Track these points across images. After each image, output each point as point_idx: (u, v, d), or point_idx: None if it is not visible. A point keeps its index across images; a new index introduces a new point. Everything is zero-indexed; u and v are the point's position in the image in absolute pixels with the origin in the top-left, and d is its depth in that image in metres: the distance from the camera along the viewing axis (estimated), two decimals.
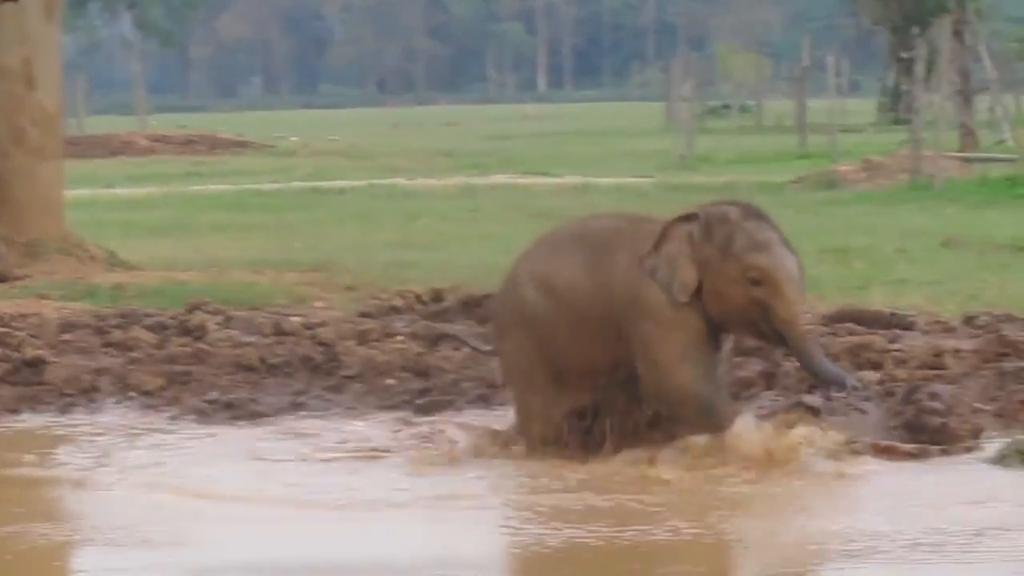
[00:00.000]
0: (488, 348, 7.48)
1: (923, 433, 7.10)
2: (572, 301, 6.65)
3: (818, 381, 6.83)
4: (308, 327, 9.42)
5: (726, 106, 46.29)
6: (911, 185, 20.62)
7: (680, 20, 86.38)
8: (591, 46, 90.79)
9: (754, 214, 6.68)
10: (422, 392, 7.86)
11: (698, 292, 6.52)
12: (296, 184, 20.48)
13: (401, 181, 20.94)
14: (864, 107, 40.45)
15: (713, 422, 6.41)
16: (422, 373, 8.30)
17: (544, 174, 24.46)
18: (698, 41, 77.61)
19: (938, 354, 8.76)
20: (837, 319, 9.75)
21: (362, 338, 9.05)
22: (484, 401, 7.77)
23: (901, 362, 8.55)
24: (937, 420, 7.22)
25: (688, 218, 6.60)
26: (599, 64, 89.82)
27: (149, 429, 7.38)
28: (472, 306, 9.86)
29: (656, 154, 28.60)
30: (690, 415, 6.44)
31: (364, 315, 9.88)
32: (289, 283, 11.41)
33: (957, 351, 8.92)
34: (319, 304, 10.61)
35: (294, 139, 33.11)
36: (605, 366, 6.61)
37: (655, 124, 39.00)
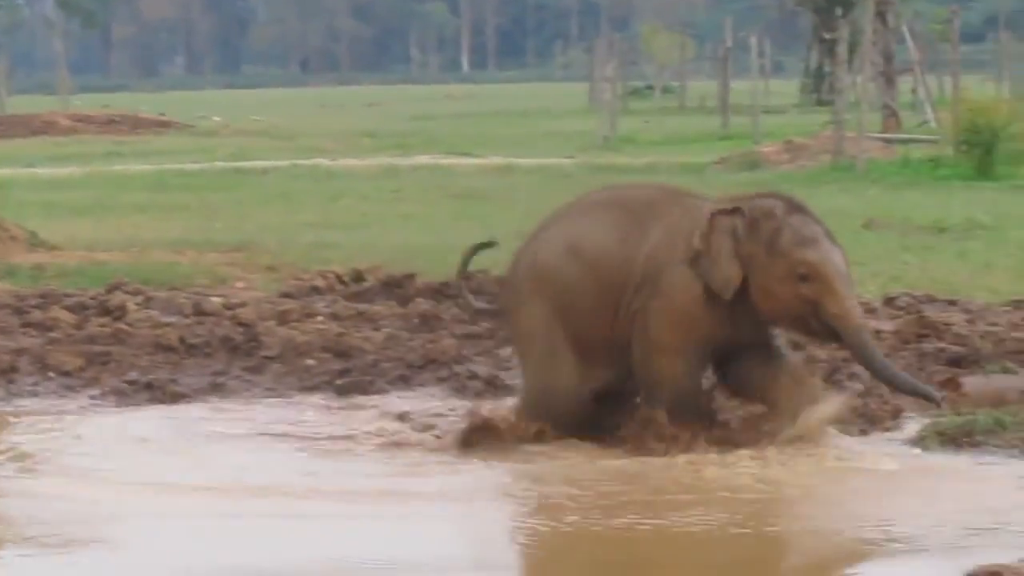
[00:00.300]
0: (490, 308, 7.31)
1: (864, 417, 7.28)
2: (597, 267, 6.54)
3: (890, 388, 6.78)
4: (228, 307, 9.41)
5: (649, 87, 46.29)
6: (833, 166, 20.69)
7: (604, 1, 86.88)
8: (515, 26, 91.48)
9: (798, 208, 6.60)
10: (342, 373, 7.87)
11: (744, 288, 6.44)
12: (218, 164, 20.47)
13: (324, 162, 21.01)
14: (788, 88, 40.80)
15: (686, 416, 6.37)
16: (342, 354, 8.28)
17: (467, 155, 24.43)
18: (622, 21, 78.16)
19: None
20: None
21: (282, 318, 9.03)
22: (404, 382, 7.74)
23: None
24: (857, 401, 7.32)
25: (732, 211, 6.52)
26: (522, 45, 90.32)
27: (64, 412, 7.26)
28: (393, 287, 9.84)
29: (579, 135, 28.74)
30: (666, 402, 6.39)
31: (285, 295, 9.87)
32: (210, 264, 11.42)
33: (878, 332, 8.87)
34: (240, 285, 10.60)
35: (216, 119, 33.06)
36: (624, 340, 6.49)
37: (578, 105, 39.07)
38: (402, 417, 7.16)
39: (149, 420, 7.11)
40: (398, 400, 7.61)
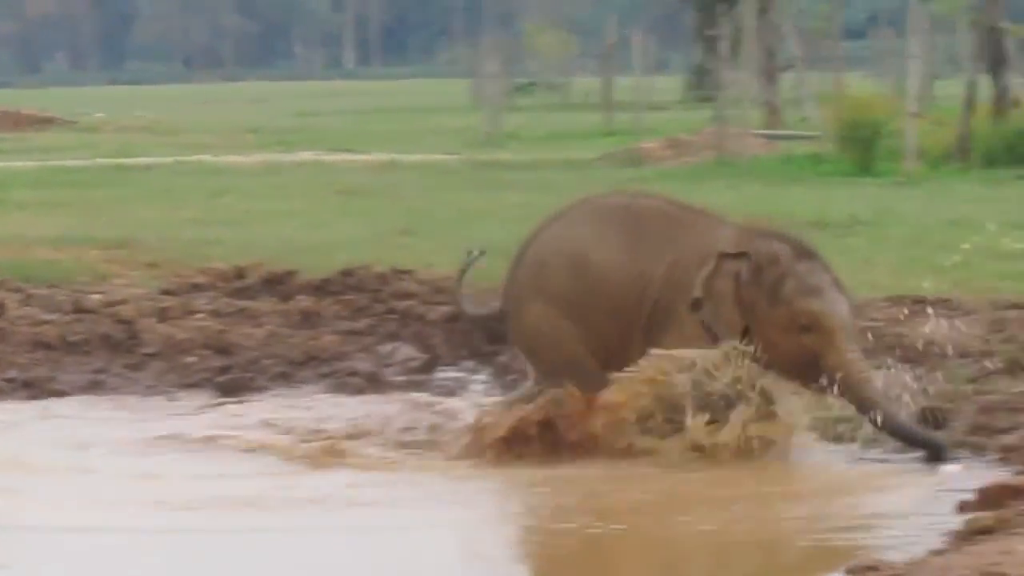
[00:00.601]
0: (482, 312, 7.23)
1: None
2: (603, 284, 6.52)
3: (904, 444, 6.56)
4: (108, 304, 9.42)
5: (532, 84, 46.65)
6: (716, 162, 20.93)
7: None
8: (398, 23, 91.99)
9: (806, 254, 6.52)
10: (223, 370, 7.91)
11: (747, 333, 6.39)
12: (101, 161, 20.30)
13: (207, 158, 20.95)
14: (672, 85, 41.10)
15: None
16: (223, 351, 8.34)
17: (350, 151, 24.33)
18: (506, 18, 79.00)
19: None
20: None
21: (163, 315, 9.04)
22: (285, 379, 7.83)
23: None
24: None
25: (738, 255, 6.43)
26: (406, 41, 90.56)
27: None
28: (275, 283, 9.89)
29: (463, 131, 28.72)
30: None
31: (165, 292, 9.88)
32: (91, 260, 11.36)
33: None
34: (120, 281, 10.55)
35: (100, 115, 32.92)
36: (630, 355, 6.45)
37: (462, 101, 39.07)
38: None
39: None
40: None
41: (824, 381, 6.34)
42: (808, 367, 6.34)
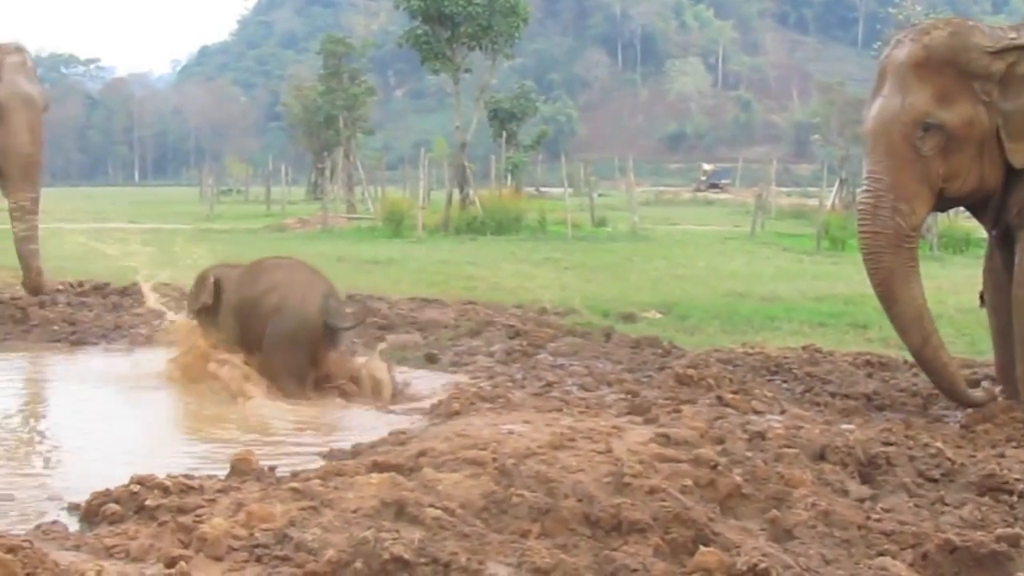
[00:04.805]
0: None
1: None
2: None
3: None
4: None
5: (230, 190, 56.46)
6: (322, 230, 27.49)
7: (207, 146, 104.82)
8: (161, 155, 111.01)
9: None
10: None
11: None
12: None
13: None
14: (299, 191, 51.10)
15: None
16: None
17: (133, 222, 27.92)
18: (217, 154, 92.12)
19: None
20: None
21: None
22: None
23: None
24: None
25: (214, 280, 8.87)
26: (165, 165, 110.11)
27: None
28: None
29: (194, 213, 34.84)
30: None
31: None
32: None
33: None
34: None
35: None
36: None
37: (194, 198, 47.46)
38: None
39: None
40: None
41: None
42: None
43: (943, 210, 8.76)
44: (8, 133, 11.46)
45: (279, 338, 8.39)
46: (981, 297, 8.27)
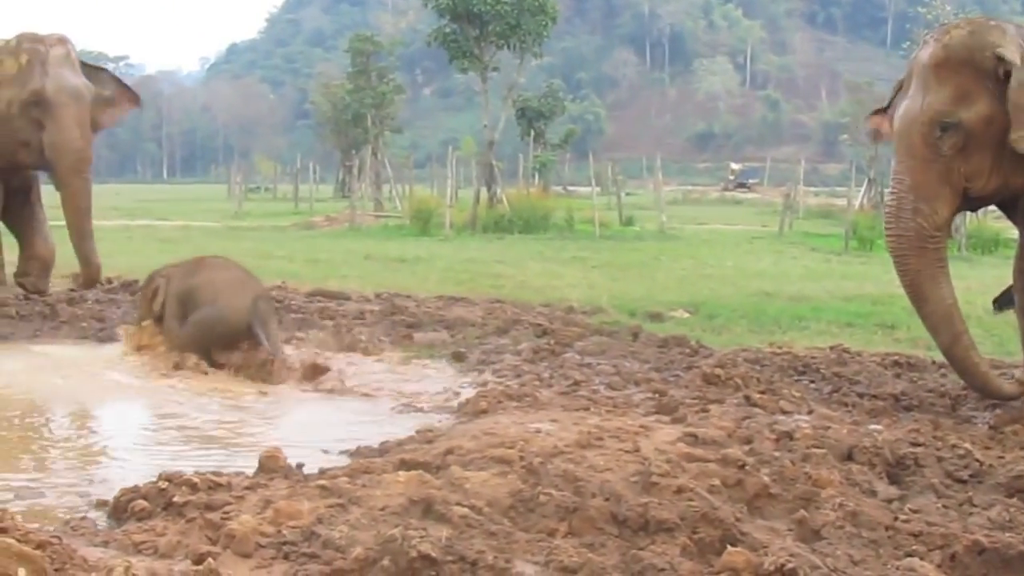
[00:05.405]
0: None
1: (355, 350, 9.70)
2: None
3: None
4: None
5: (258, 187, 56.66)
6: (350, 228, 27.51)
7: (236, 143, 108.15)
8: (189, 151, 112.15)
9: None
10: None
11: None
12: None
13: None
14: (328, 189, 51.87)
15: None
16: None
17: (165, 219, 28.63)
18: (245, 152, 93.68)
19: (360, 314, 11.59)
20: (312, 294, 13.07)
21: None
22: None
23: (344, 315, 11.33)
24: (359, 343, 9.90)
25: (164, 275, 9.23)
26: (194, 163, 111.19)
27: None
28: None
29: (222, 211, 34.26)
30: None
31: None
32: None
33: (372, 311, 11.73)
34: None
35: None
36: None
37: (223, 195, 46.84)
38: None
39: None
40: None
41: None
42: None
43: (974, 209, 8.75)
44: (58, 129, 11.43)
45: (201, 320, 8.96)
46: (994, 302, 8.35)
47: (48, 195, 12.61)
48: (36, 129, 11.55)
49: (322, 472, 5.46)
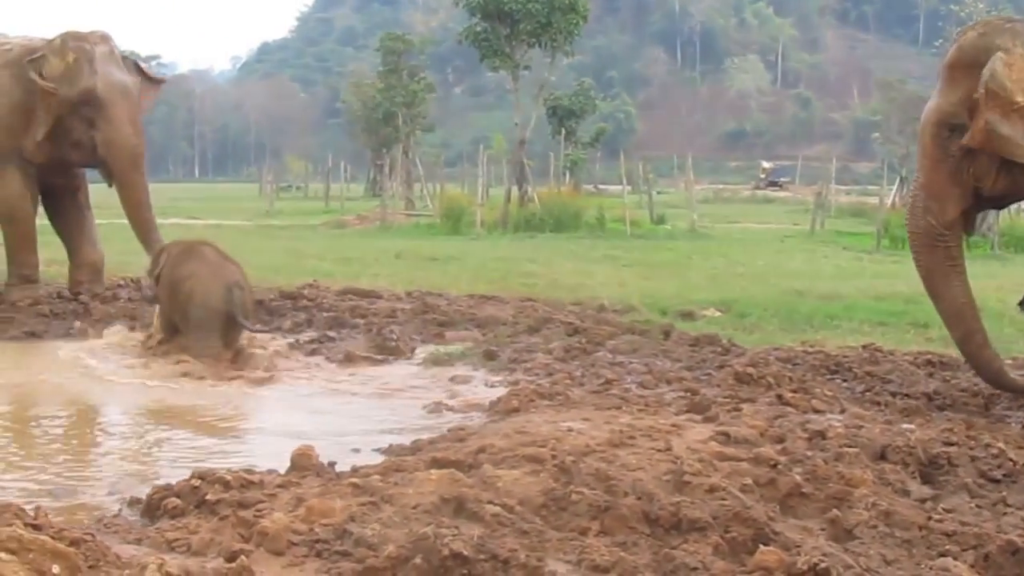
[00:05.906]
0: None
1: (385, 350, 9.80)
2: None
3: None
4: None
5: (289, 186, 56.94)
6: (381, 227, 28.04)
7: (268, 142, 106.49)
8: (221, 151, 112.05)
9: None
10: None
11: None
12: None
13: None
14: (359, 188, 52.98)
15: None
16: None
17: (197, 218, 28.76)
18: (276, 152, 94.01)
19: (392, 312, 11.59)
20: (343, 292, 13.04)
21: None
22: None
23: (375, 313, 11.39)
24: (392, 343, 9.93)
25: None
26: (225, 163, 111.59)
27: None
28: None
29: (254, 210, 34.26)
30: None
31: None
32: None
33: (403, 309, 11.81)
34: None
35: None
36: None
37: (254, 194, 47.27)
38: None
39: None
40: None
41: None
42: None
43: (998, 208, 8.72)
44: (112, 128, 11.52)
45: (194, 325, 9.32)
46: (1021, 304, 8.44)
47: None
48: (87, 127, 11.60)
49: (354, 470, 5.46)
